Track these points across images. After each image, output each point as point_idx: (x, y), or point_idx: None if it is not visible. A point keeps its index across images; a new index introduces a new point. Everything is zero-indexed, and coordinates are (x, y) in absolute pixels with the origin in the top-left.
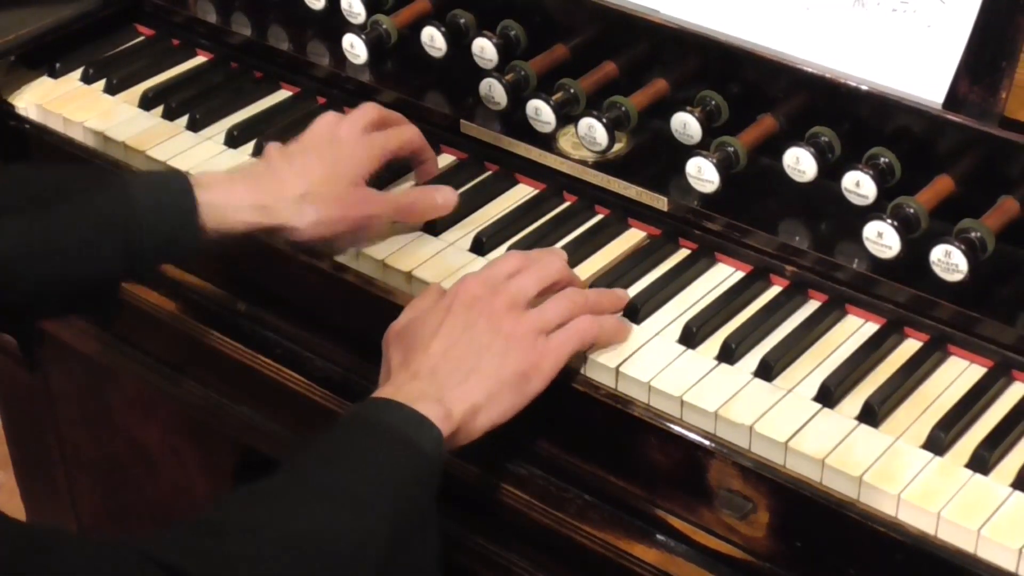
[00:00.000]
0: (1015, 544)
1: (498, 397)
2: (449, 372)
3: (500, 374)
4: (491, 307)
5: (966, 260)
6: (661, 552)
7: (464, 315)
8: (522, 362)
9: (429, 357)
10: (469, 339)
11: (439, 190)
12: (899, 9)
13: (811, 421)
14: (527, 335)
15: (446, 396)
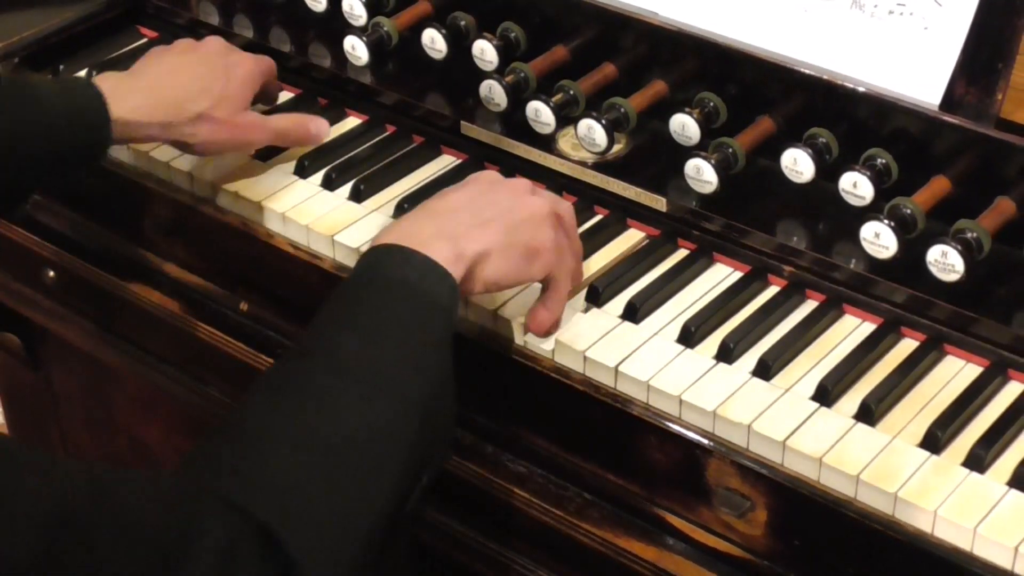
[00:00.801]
0: (1011, 542)
1: (508, 252)
2: (467, 216)
3: (516, 234)
4: (512, 184)
5: (962, 260)
6: (660, 550)
7: (486, 186)
8: (537, 235)
9: (447, 201)
10: (491, 199)
11: (313, 120)
12: (896, 11)
13: (809, 420)
14: (544, 216)
15: (460, 235)
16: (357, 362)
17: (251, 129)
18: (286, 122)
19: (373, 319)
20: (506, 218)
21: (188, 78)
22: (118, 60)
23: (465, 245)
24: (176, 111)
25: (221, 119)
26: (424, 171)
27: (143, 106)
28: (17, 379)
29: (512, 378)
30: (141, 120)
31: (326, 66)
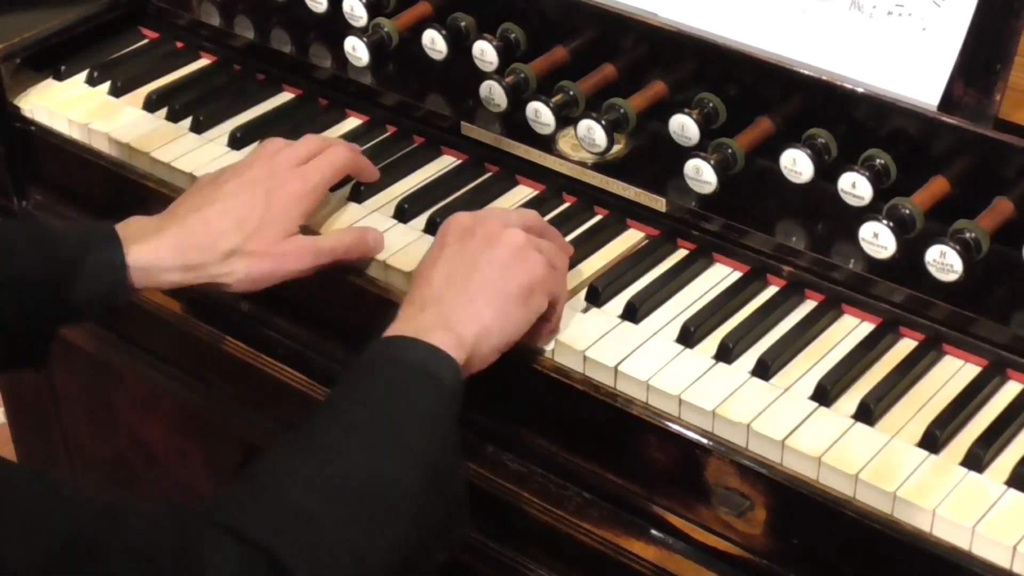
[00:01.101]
0: (1009, 541)
1: (506, 314)
2: (454, 297)
3: (506, 289)
4: (485, 229)
5: (961, 260)
6: (659, 549)
7: (459, 243)
8: (524, 274)
9: (432, 287)
10: (469, 262)
11: (368, 232)
12: (895, 12)
13: (807, 420)
14: (524, 247)
15: (454, 321)
16: (364, 425)
17: (295, 257)
18: (341, 241)
19: (379, 392)
20: (491, 281)
21: (218, 214)
22: (119, 61)
23: (463, 330)
24: (203, 252)
25: (258, 252)
26: (424, 171)
27: (164, 250)
28: (19, 379)
29: (512, 378)
30: (161, 264)
31: (327, 67)
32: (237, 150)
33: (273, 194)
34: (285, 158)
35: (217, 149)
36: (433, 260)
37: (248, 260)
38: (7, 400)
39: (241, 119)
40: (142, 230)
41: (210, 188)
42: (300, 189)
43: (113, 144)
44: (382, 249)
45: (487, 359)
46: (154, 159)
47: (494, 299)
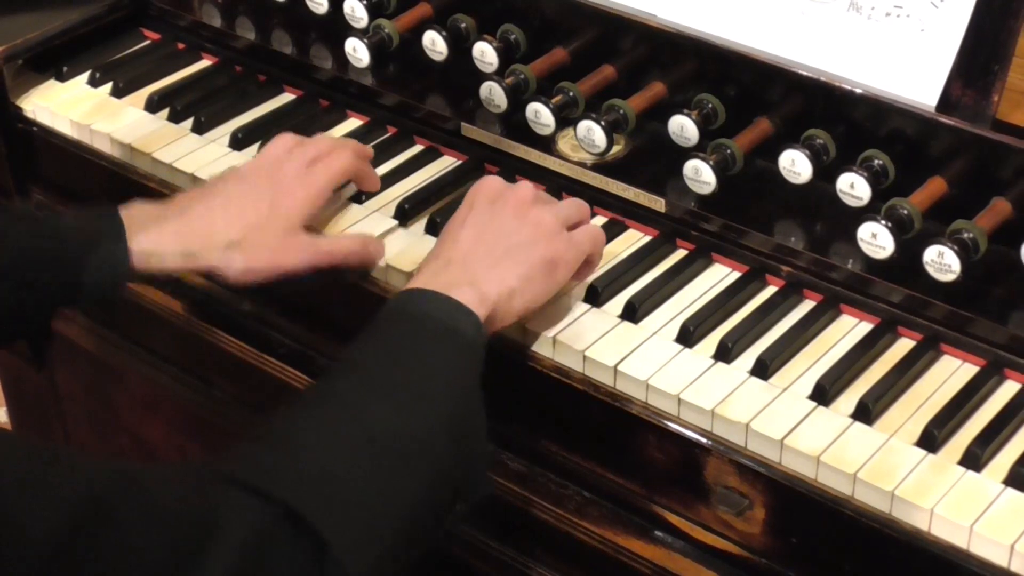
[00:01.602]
0: (1007, 540)
1: (530, 281)
2: (481, 257)
3: (530, 258)
4: (516, 197)
5: (959, 260)
6: (659, 548)
7: (489, 207)
8: (549, 249)
9: (459, 245)
10: (497, 226)
11: (370, 241)
12: (893, 13)
13: (806, 419)
14: (552, 224)
15: (479, 280)
16: (383, 377)
17: (293, 254)
18: (341, 244)
19: (399, 345)
20: (518, 246)
21: (222, 203)
22: (121, 62)
23: (487, 289)
24: (203, 240)
25: (258, 245)
26: (425, 172)
27: (166, 235)
28: (22, 378)
29: (512, 377)
30: (162, 250)
31: (327, 68)
32: (238, 151)
33: (278, 198)
34: (295, 158)
35: (218, 150)
36: (461, 220)
37: (247, 253)
38: (9, 399)
39: (242, 120)
40: (145, 216)
41: (218, 184)
42: (305, 195)
43: (115, 145)
44: (382, 257)
45: (506, 321)
46: (156, 160)
47: (520, 265)
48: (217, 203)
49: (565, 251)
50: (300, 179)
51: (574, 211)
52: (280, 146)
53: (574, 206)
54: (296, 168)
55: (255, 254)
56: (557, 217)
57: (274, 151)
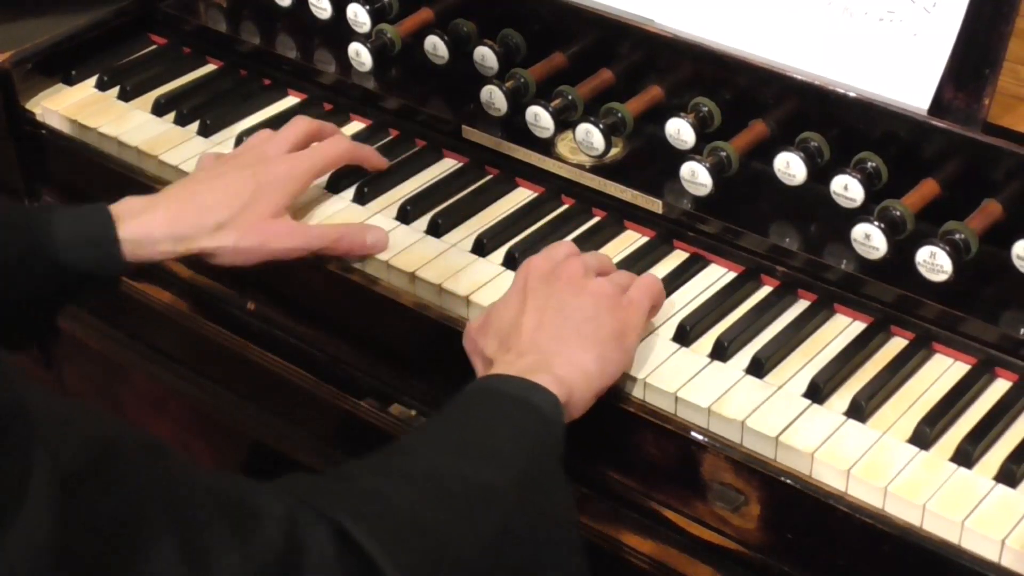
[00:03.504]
0: (998, 535)
1: (604, 358)
2: (550, 342)
3: (599, 335)
4: (568, 274)
5: (951, 261)
6: (656, 543)
7: (544, 289)
8: (615, 319)
9: (524, 334)
10: (558, 307)
11: (370, 230)
12: (886, 18)
13: (801, 417)
14: (612, 293)
15: (554, 365)
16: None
17: (284, 236)
18: (333, 231)
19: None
20: (584, 323)
21: (208, 189)
22: (128, 66)
23: (563, 375)
24: (192, 224)
25: (247, 225)
26: (426, 174)
27: (155, 222)
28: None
29: None
30: (153, 236)
31: (331, 72)
32: None
33: (261, 176)
34: (275, 144)
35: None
36: (519, 309)
37: (237, 233)
38: None
39: (247, 123)
40: (134, 207)
41: (201, 173)
42: (287, 171)
43: (122, 147)
44: (385, 248)
45: (586, 405)
46: (162, 162)
47: (591, 346)
48: (203, 188)
49: (630, 317)
50: (283, 162)
51: (626, 276)
52: (260, 137)
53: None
54: (279, 152)
55: (244, 235)
56: (615, 283)
57: (255, 141)
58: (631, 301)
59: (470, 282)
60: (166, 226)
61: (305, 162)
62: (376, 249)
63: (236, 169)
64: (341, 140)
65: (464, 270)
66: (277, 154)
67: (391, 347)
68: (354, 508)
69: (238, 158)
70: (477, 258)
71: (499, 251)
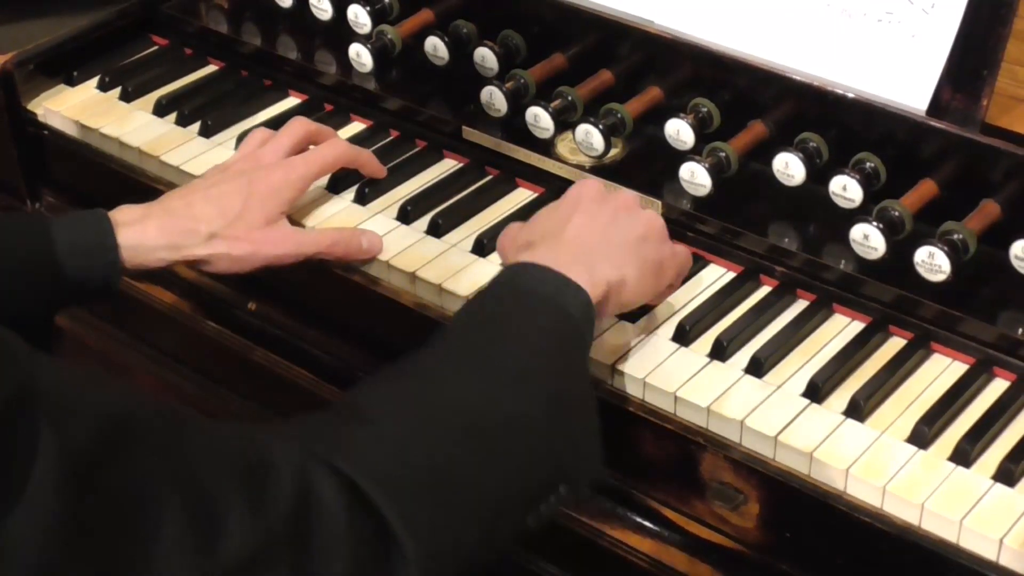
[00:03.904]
0: (996, 534)
1: (643, 276)
2: (596, 242)
3: (644, 253)
4: (624, 199)
5: (949, 261)
6: (655, 542)
7: (597, 205)
8: (661, 251)
9: (570, 230)
10: (610, 218)
11: (364, 234)
12: (884, 19)
13: (800, 416)
14: (663, 229)
15: (595, 262)
16: (477, 351)
17: (277, 243)
18: (325, 235)
19: (498, 319)
20: (633, 241)
21: (203, 199)
22: (130, 67)
23: (602, 273)
24: (186, 233)
25: (238, 236)
26: (427, 175)
27: (150, 231)
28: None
29: None
30: (149, 244)
31: (332, 73)
32: None
33: (255, 183)
34: (270, 149)
35: (225, 153)
36: (568, 216)
37: (229, 243)
38: None
39: (248, 123)
40: (130, 215)
41: (199, 182)
42: (282, 178)
43: (124, 148)
44: (379, 252)
45: (618, 307)
46: (163, 162)
47: (635, 258)
48: (198, 197)
49: (672, 258)
50: (278, 168)
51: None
52: (256, 139)
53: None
54: (275, 158)
55: (237, 244)
56: (664, 224)
57: (250, 145)
58: (675, 250)
59: (470, 282)
60: (161, 235)
61: (300, 168)
62: (371, 253)
63: (231, 178)
64: (338, 144)
65: (464, 270)
66: (273, 159)
67: (392, 347)
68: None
69: (235, 165)
70: (477, 258)
71: None
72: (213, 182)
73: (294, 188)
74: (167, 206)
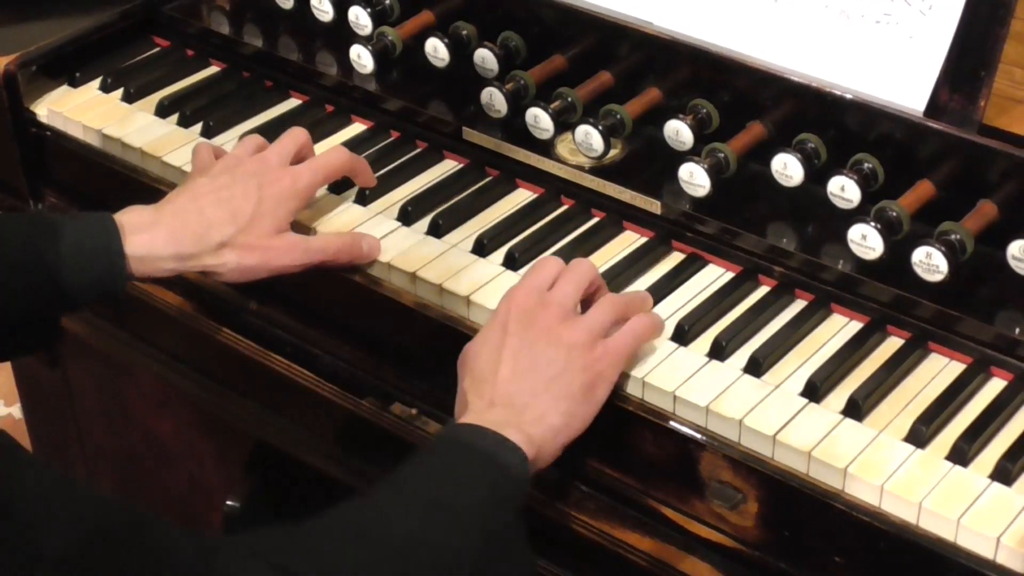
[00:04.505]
0: (993, 533)
1: (572, 416)
2: (521, 396)
3: (570, 390)
4: (546, 320)
5: (946, 261)
6: (655, 541)
7: (522, 334)
8: (587, 372)
9: (499, 384)
10: (533, 358)
11: (364, 238)
12: (882, 21)
13: (798, 415)
14: (586, 343)
15: (524, 422)
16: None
17: (286, 252)
18: (331, 242)
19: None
20: (557, 381)
21: (212, 204)
22: (132, 68)
23: (532, 432)
24: (196, 242)
25: (249, 244)
26: (427, 175)
27: (159, 239)
28: (35, 376)
29: None
30: (158, 254)
31: (333, 74)
32: None
33: (265, 189)
34: (275, 153)
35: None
36: (497, 352)
37: (239, 252)
38: (24, 397)
39: (250, 124)
40: (139, 220)
41: (204, 181)
42: (291, 187)
43: (126, 149)
44: (378, 255)
45: (553, 455)
46: (165, 163)
47: (562, 401)
48: (207, 203)
49: (602, 368)
50: (287, 176)
51: (609, 314)
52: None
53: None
54: (281, 164)
55: (246, 254)
56: (591, 329)
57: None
58: (608, 350)
59: (470, 282)
60: (171, 244)
61: (307, 176)
62: (371, 257)
63: (241, 179)
64: (341, 152)
65: (465, 270)
66: (278, 162)
67: (392, 347)
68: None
69: (241, 166)
70: (477, 258)
71: (499, 251)
72: (223, 184)
73: (300, 197)
74: (177, 207)
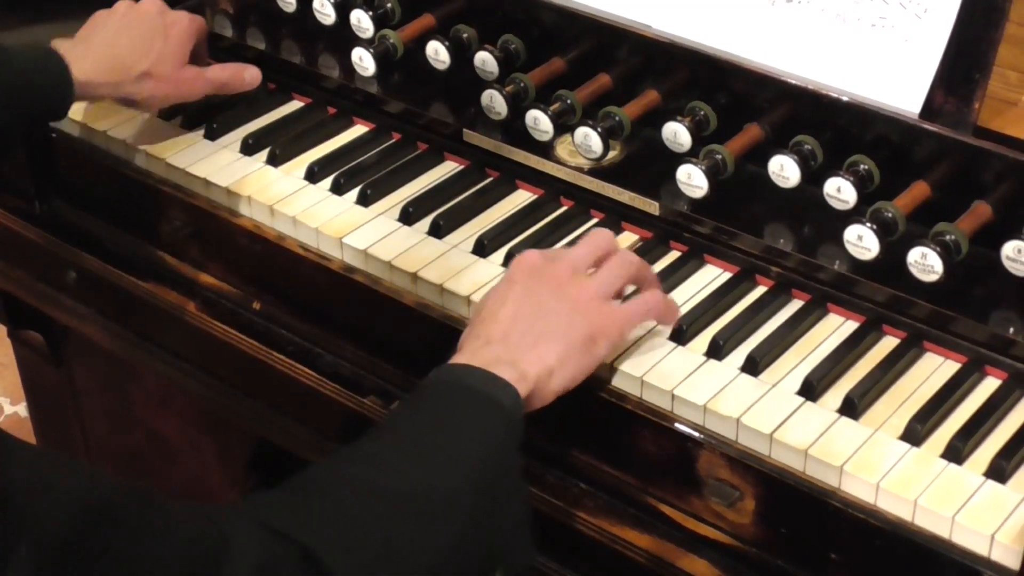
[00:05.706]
0: (987, 530)
1: (569, 360)
2: (520, 336)
3: (569, 337)
4: (553, 273)
5: (941, 262)
6: (653, 538)
7: (527, 282)
8: (589, 326)
9: (499, 323)
10: (536, 304)
11: (247, 68)
12: (878, 24)
13: (795, 414)
14: (591, 300)
15: (519, 359)
16: (414, 438)
17: (191, 83)
18: (222, 73)
19: (433, 410)
20: (556, 324)
21: (131, 39)
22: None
23: (527, 368)
24: (124, 71)
25: (163, 75)
26: (428, 176)
27: (97, 68)
28: (40, 375)
29: None
30: (97, 81)
31: (335, 76)
32: (249, 156)
33: (170, 28)
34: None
35: (230, 155)
36: (502, 297)
37: (154, 82)
38: (29, 395)
39: (253, 126)
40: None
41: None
42: (189, 26)
43: (130, 150)
44: (258, 83)
45: (546, 399)
46: (170, 165)
47: (559, 345)
48: (128, 38)
49: (605, 325)
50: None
51: (618, 274)
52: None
53: (621, 269)
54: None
55: (161, 84)
56: (599, 289)
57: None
58: (615, 311)
59: (471, 282)
60: (106, 73)
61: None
62: (253, 84)
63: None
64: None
65: (465, 270)
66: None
67: (393, 346)
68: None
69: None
70: (478, 259)
71: (499, 252)
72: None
73: (197, 34)
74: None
